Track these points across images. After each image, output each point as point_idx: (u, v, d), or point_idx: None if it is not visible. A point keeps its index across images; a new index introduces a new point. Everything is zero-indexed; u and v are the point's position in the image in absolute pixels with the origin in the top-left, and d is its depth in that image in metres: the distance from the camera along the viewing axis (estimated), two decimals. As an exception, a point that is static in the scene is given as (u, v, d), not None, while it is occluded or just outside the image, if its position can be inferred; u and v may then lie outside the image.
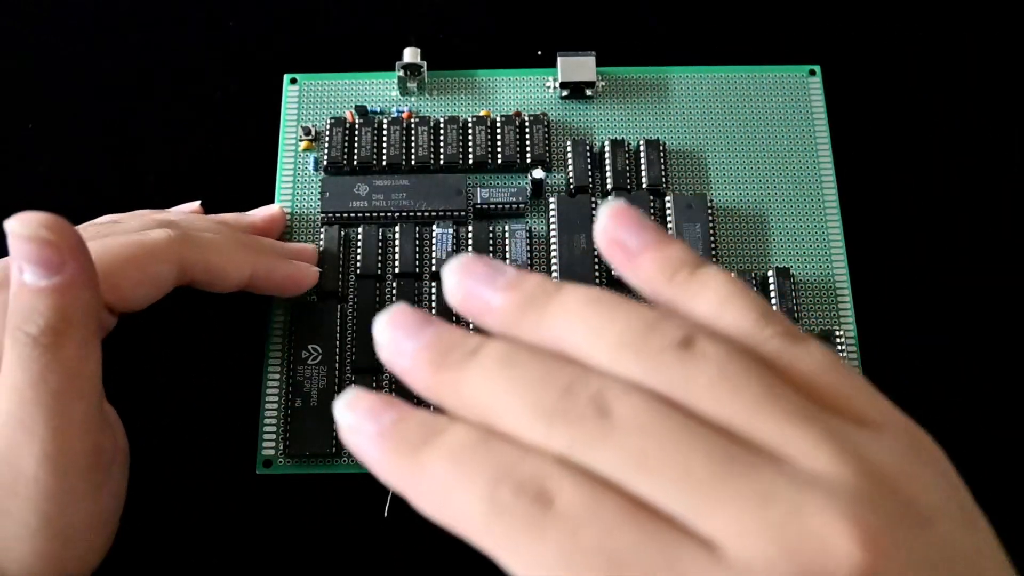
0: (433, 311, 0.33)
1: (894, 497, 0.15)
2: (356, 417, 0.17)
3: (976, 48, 0.39)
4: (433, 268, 0.34)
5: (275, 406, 0.32)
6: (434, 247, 0.34)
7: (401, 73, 0.36)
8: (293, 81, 0.38)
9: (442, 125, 0.36)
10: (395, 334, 0.17)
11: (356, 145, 0.36)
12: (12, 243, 0.23)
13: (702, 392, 0.16)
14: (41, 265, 0.23)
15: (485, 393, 0.16)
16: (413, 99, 0.37)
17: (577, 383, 0.16)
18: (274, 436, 0.32)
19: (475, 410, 0.17)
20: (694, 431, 0.15)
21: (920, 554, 0.15)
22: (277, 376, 0.33)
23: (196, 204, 0.34)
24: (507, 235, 0.35)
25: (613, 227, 0.19)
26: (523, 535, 0.15)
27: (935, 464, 0.17)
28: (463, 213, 0.35)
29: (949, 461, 0.17)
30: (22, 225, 0.23)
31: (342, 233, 0.34)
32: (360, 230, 0.35)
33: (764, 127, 0.37)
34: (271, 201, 0.35)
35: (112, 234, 0.28)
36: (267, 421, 0.32)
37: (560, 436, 0.15)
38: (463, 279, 0.18)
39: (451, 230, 0.34)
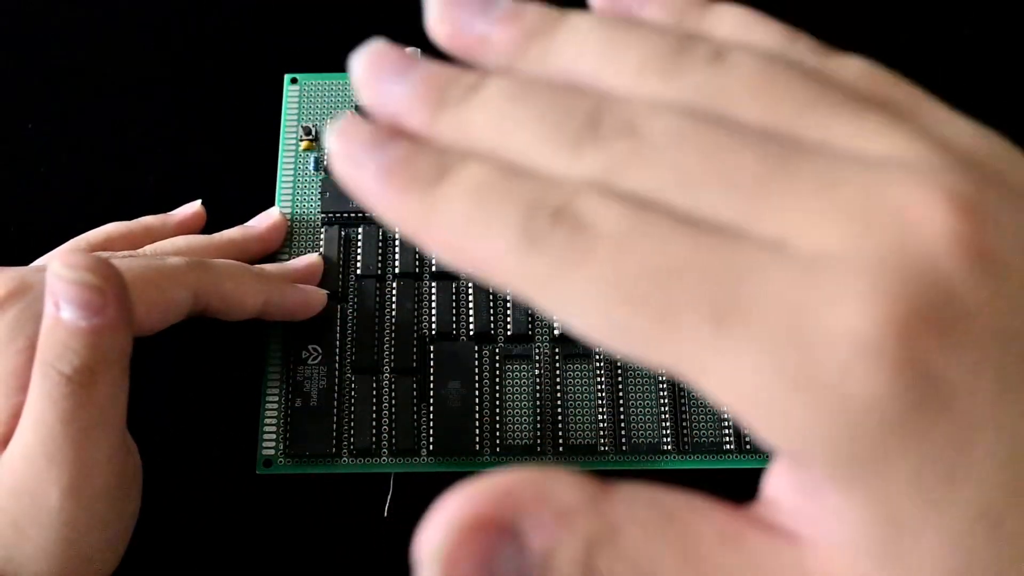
0: (434, 312, 0.33)
1: (982, 171, 0.13)
2: (354, 148, 0.14)
3: (977, 48, 0.39)
4: (433, 268, 0.34)
5: (275, 406, 0.32)
6: (434, 247, 0.34)
7: (401, 73, 0.36)
8: (293, 81, 0.38)
9: (442, 125, 0.36)
10: (379, 78, 0.15)
11: (356, 145, 0.36)
12: (53, 282, 0.23)
13: (740, 98, 0.14)
14: (82, 307, 0.23)
15: (495, 129, 0.14)
16: (413, 99, 0.37)
17: (600, 107, 0.14)
18: (274, 436, 0.32)
19: (486, 150, 0.14)
20: (737, 136, 0.13)
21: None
22: (277, 376, 0.33)
23: (197, 204, 0.34)
24: (507, 235, 0.34)
25: None
26: (564, 264, 0.13)
27: (1014, 152, 0.15)
28: (463, 213, 0.35)
29: None
30: (67, 269, 0.23)
31: (342, 233, 0.34)
32: (360, 230, 0.35)
33: (764, 127, 0.37)
34: (272, 202, 0.35)
35: (130, 257, 0.28)
36: (267, 421, 0.32)
37: (588, 162, 0.14)
38: (451, 9, 0.16)
39: (451, 230, 0.34)
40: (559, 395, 0.32)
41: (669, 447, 0.32)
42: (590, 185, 0.13)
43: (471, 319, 0.33)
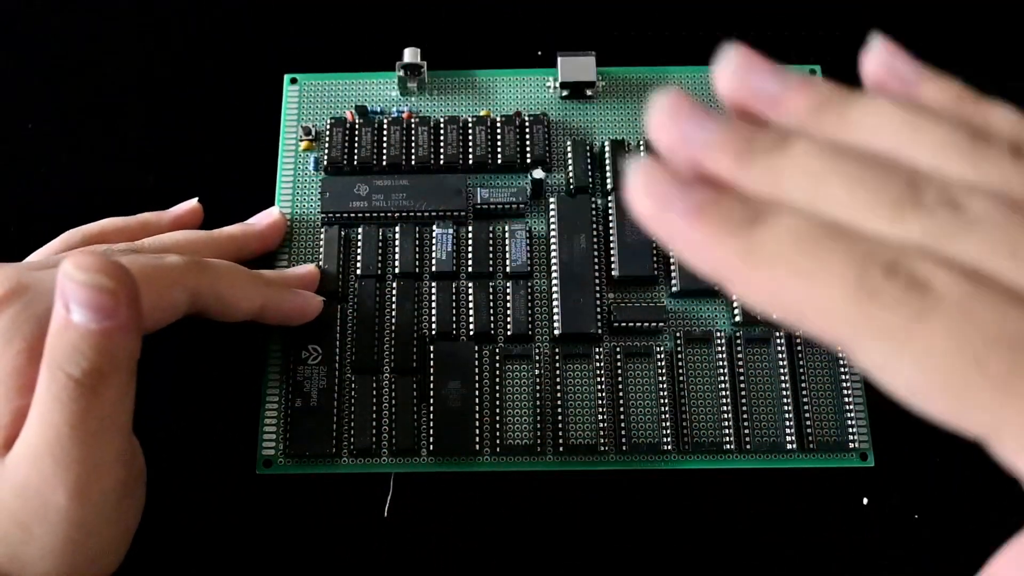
0: (434, 312, 0.33)
1: None
2: (658, 191, 0.15)
3: (976, 49, 0.39)
4: (433, 268, 0.34)
5: (275, 406, 0.32)
6: (434, 247, 0.34)
7: (401, 73, 0.36)
8: (293, 81, 0.38)
9: (442, 125, 0.36)
10: (681, 121, 0.16)
11: (356, 145, 0.36)
12: (64, 283, 0.23)
13: None
14: (94, 310, 0.23)
15: (808, 184, 0.15)
16: (413, 99, 0.37)
17: (917, 177, 0.14)
18: (274, 436, 0.32)
19: (795, 202, 0.15)
20: None
21: None
22: (277, 376, 0.33)
23: (194, 202, 0.34)
24: (507, 235, 0.35)
25: (883, 56, 0.17)
26: (906, 320, 0.13)
27: None
28: (463, 213, 0.35)
29: None
30: (80, 271, 0.23)
31: (342, 233, 0.34)
32: (360, 230, 0.35)
33: (764, 127, 0.37)
34: (271, 202, 0.35)
35: (129, 252, 0.28)
36: (267, 421, 0.32)
37: (910, 227, 0.14)
38: (747, 69, 0.16)
39: (451, 230, 0.34)
40: (559, 395, 0.32)
41: (669, 447, 0.32)
42: (916, 248, 0.14)
43: (471, 319, 0.33)
